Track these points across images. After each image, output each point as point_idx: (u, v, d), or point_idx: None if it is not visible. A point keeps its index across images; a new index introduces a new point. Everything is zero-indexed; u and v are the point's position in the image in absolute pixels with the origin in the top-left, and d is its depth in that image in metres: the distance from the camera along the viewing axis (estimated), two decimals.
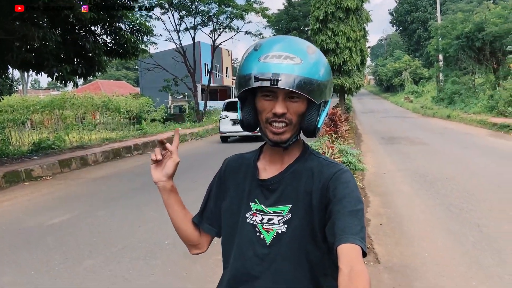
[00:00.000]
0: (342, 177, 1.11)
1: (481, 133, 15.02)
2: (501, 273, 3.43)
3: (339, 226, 1.02)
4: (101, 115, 17.74)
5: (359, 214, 1.05)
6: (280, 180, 1.18)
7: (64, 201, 6.51)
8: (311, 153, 1.21)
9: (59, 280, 3.55)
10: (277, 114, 1.09)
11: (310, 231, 1.13)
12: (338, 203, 1.06)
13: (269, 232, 1.15)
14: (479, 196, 5.96)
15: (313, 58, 1.09)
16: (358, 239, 0.99)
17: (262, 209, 1.18)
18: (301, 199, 1.14)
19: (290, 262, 1.14)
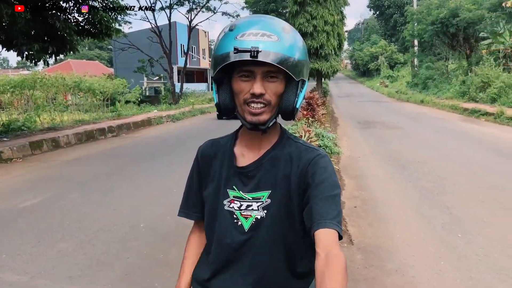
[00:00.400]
0: (320, 162, 1.12)
1: (453, 118, 15.41)
2: (468, 253, 3.57)
3: (316, 211, 1.04)
4: (73, 96, 17.27)
5: (336, 199, 1.07)
6: (259, 166, 1.17)
7: (36, 183, 6.35)
8: (289, 138, 1.21)
9: (31, 264, 3.49)
10: (256, 95, 1.07)
11: (289, 215, 1.14)
12: (316, 188, 1.08)
13: (247, 219, 1.16)
14: (449, 179, 6.15)
15: (289, 36, 1.08)
16: (335, 223, 1.01)
17: (241, 195, 1.17)
18: (280, 184, 1.15)
19: (268, 247, 1.15)
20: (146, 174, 6.77)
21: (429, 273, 3.21)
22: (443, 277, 3.14)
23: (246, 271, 1.16)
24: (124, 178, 6.57)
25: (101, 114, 16.76)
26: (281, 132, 1.22)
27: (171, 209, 4.89)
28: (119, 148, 9.95)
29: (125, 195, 5.55)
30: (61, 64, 37.93)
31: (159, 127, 14.45)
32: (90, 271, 3.33)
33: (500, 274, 3.16)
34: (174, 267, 3.36)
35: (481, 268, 3.26)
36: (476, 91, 19.14)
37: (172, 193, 5.58)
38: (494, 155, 7.97)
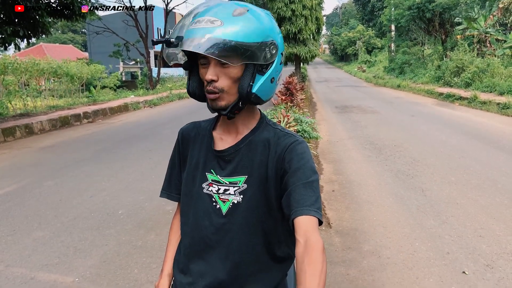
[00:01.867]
0: (297, 148, 1.12)
1: (428, 102, 15.71)
2: (441, 233, 3.68)
3: (294, 198, 1.04)
4: (47, 81, 16.78)
5: (314, 185, 1.07)
6: (236, 151, 1.17)
7: (9, 171, 6.19)
8: (267, 123, 1.21)
9: (7, 252, 3.42)
10: (208, 81, 1.08)
11: (265, 201, 1.14)
12: (293, 175, 1.08)
13: (225, 202, 1.16)
14: (423, 162, 6.29)
15: (237, 19, 1.04)
16: (314, 210, 1.02)
17: (218, 179, 1.17)
18: (257, 170, 1.15)
19: (245, 231, 1.15)
20: (123, 160, 6.68)
21: (404, 254, 3.30)
22: (417, 257, 3.24)
23: (224, 256, 1.16)
24: (100, 164, 6.46)
25: (76, 100, 16.36)
26: (260, 117, 1.22)
27: (149, 195, 4.86)
28: (95, 134, 9.76)
29: (102, 182, 5.47)
30: (33, 48, 36.70)
31: (136, 113, 14.23)
32: (67, 259, 3.29)
33: (473, 254, 3.27)
34: (153, 252, 3.36)
35: (454, 248, 3.37)
36: (450, 76, 19.52)
37: (150, 179, 5.53)
38: (466, 138, 8.18)
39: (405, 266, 3.09)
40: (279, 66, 1.14)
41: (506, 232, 3.67)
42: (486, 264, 3.09)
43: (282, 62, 1.17)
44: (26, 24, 9.75)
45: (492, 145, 7.48)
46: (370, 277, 2.95)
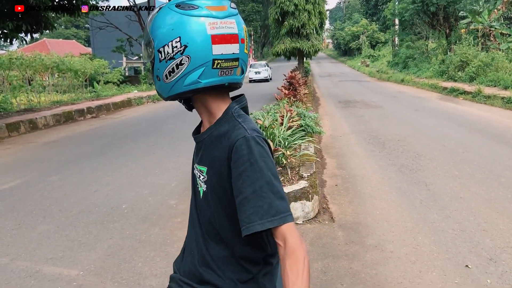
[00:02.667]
0: (242, 147, 1.05)
1: (432, 96, 15.63)
2: (445, 227, 3.68)
3: (243, 213, 1.02)
4: (51, 76, 16.79)
5: (263, 190, 1.01)
6: (202, 140, 1.19)
7: (14, 166, 6.23)
8: (232, 115, 1.15)
9: (12, 246, 3.45)
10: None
11: (225, 196, 1.12)
12: (239, 180, 1.04)
13: (201, 187, 1.19)
14: (427, 156, 6.27)
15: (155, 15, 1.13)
16: (266, 221, 1.00)
17: (196, 165, 1.22)
18: (214, 164, 1.13)
19: (214, 218, 1.16)
20: (127, 155, 6.70)
21: (407, 248, 3.30)
22: (420, 251, 3.24)
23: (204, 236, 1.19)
24: (104, 159, 6.49)
25: (80, 95, 16.41)
26: (227, 108, 1.17)
27: (152, 190, 4.88)
28: (99, 129, 9.79)
29: (106, 177, 5.49)
30: (37, 44, 36.73)
31: (140, 108, 14.25)
32: (72, 252, 3.31)
33: (476, 248, 3.27)
34: (157, 246, 3.38)
35: (457, 242, 3.37)
36: (455, 70, 19.40)
37: (153, 174, 5.55)
38: (470, 133, 8.15)
39: (408, 260, 3.10)
40: (159, 64, 1.10)
41: (510, 226, 3.66)
42: (489, 258, 3.08)
43: (163, 59, 1.09)
44: (29, 19, 9.76)
45: (496, 139, 7.45)
46: (373, 270, 2.95)
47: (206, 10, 1.06)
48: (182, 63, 1.06)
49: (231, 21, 1.09)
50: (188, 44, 1.05)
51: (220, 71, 1.09)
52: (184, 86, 1.09)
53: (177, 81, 1.09)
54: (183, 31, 1.05)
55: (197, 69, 1.07)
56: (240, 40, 1.10)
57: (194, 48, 1.05)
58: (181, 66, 1.07)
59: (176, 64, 1.07)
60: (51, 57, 15.41)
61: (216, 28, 1.06)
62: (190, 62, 1.06)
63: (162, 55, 1.08)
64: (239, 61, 1.11)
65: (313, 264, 3.02)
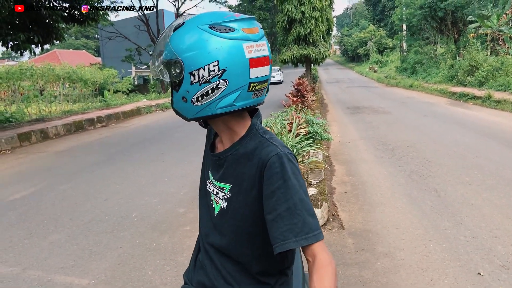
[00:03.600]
0: (276, 165, 1.05)
1: (441, 102, 15.53)
2: (456, 234, 3.64)
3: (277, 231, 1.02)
4: (61, 86, 17.01)
5: (297, 208, 1.02)
6: (225, 158, 1.17)
7: (25, 175, 6.30)
8: (257, 131, 1.15)
9: (24, 255, 3.48)
10: None
11: (250, 214, 1.11)
12: (273, 197, 1.04)
13: (217, 204, 1.18)
14: (437, 162, 6.23)
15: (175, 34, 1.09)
16: (301, 239, 1.00)
17: (212, 181, 1.21)
18: (240, 182, 1.12)
19: (232, 235, 1.15)
20: (136, 164, 6.74)
21: (418, 255, 3.27)
22: (432, 259, 3.21)
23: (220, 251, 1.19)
24: (114, 168, 6.54)
25: (90, 104, 16.57)
26: (250, 125, 1.17)
27: (162, 198, 4.90)
28: (109, 138, 9.88)
29: (116, 185, 5.53)
30: (48, 54, 37.31)
31: (149, 116, 14.36)
32: (83, 261, 3.33)
33: (489, 255, 3.23)
34: (166, 255, 3.39)
35: (469, 250, 3.33)
36: (464, 75, 19.28)
37: (162, 182, 5.57)
38: (481, 138, 8.07)
39: (419, 268, 3.07)
40: (191, 87, 1.06)
41: None
42: (502, 265, 3.04)
43: (196, 82, 1.04)
44: (40, 30, 9.93)
45: (507, 144, 7.37)
46: (384, 279, 2.93)
47: (242, 33, 1.03)
48: (219, 87, 1.04)
49: (263, 43, 1.08)
50: (226, 68, 1.02)
51: (254, 93, 1.08)
52: (217, 108, 1.06)
53: (210, 104, 1.06)
54: (221, 54, 1.02)
55: (234, 93, 1.05)
56: (270, 61, 1.10)
57: (233, 72, 1.03)
58: (217, 90, 1.04)
59: (211, 87, 1.04)
60: (62, 67, 15.64)
61: (253, 52, 1.04)
62: (228, 86, 1.04)
63: (195, 78, 1.04)
64: (268, 82, 1.11)
65: None
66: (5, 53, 60.04)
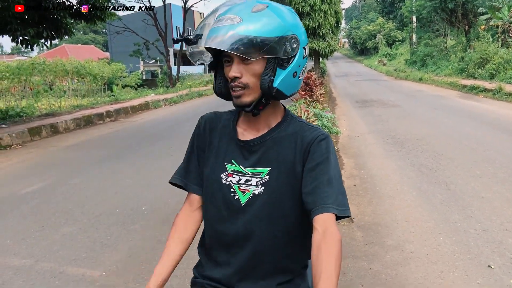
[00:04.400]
0: (322, 143, 1.15)
1: (451, 95, 15.38)
2: (466, 227, 3.62)
3: (317, 196, 1.08)
4: (70, 81, 17.16)
5: (334, 181, 1.09)
6: (262, 142, 1.19)
7: (36, 169, 6.38)
8: (292, 117, 1.23)
9: (36, 247, 3.54)
10: (231, 78, 1.10)
11: (291, 194, 1.16)
12: (316, 169, 1.11)
13: (245, 193, 1.18)
14: (447, 155, 6.18)
15: (256, 16, 1.06)
16: (333, 207, 1.05)
17: (240, 170, 1.19)
18: (282, 162, 1.16)
19: (266, 222, 1.16)
20: (146, 158, 6.79)
21: (428, 248, 3.26)
22: (441, 251, 3.20)
23: (244, 245, 1.19)
24: (124, 162, 6.59)
25: (99, 99, 16.69)
26: (285, 112, 1.25)
27: (171, 191, 4.91)
28: (118, 132, 9.94)
29: (126, 179, 5.58)
30: (57, 49, 37.58)
31: (157, 111, 14.41)
32: (94, 254, 3.38)
33: (499, 248, 3.21)
34: None
35: (479, 242, 3.31)
36: (474, 67, 19.05)
37: (171, 175, 5.60)
38: (491, 131, 7.99)
39: (429, 261, 3.06)
40: (302, 61, 1.15)
41: None
42: None
43: (305, 56, 1.17)
44: (49, 25, 9.99)
45: None
46: (393, 271, 2.93)
47: None
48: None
49: None
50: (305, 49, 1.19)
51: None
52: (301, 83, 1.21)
53: (301, 79, 1.20)
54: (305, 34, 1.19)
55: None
56: None
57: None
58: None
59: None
60: (71, 62, 15.76)
61: None
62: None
63: (306, 52, 1.18)
64: None
65: None
66: (15, 48, 60.58)
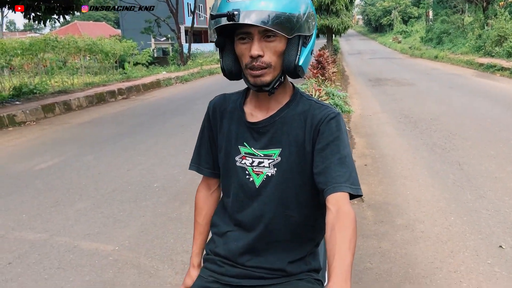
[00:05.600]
0: (332, 121, 1.13)
1: (468, 73, 15.08)
2: (478, 208, 3.60)
3: (329, 175, 1.06)
4: (83, 58, 17.16)
5: (347, 160, 1.08)
6: (272, 123, 1.18)
7: (50, 146, 6.47)
8: (302, 96, 1.21)
9: (51, 222, 3.61)
10: (253, 56, 1.05)
11: (301, 173, 1.16)
12: (327, 148, 1.10)
13: (259, 175, 1.18)
14: (461, 135, 6.10)
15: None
16: (347, 186, 1.04)
17: (253, 152, 1.19)
18: (293, 143, 1.15)
19: (279, 202, 1.18)
20: (157, 136, 6.83)
21: (439, 228, 3.25)
22: (452, 231, 3.19)
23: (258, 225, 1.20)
24: (136, 139, 6.64)
25: (111, 77, 16.71)
26: (294, 91, 1.22)
27: (182, 169, 4.97)
28: (130, 110, 10.00)
29: (138, 156, 5.63)
30: (68, 26, 37.57)
31: (169, 89, 14.41)
32: (108, 229, 3.44)
33: (511, 228, 3.19)
34: (187, 224, 3.47)
35: (491, 223, 3.29)
36: (492, 45, 18.60)
37: (183, 153, 5.64)
38: (508, 111, 7.84)
39: (439, 240, 3.05)
40: (313, 39, 1.16)
41: None
42: None
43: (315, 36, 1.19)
44: (61, 1, 9.97)
45: None
46: (402, 250, 2.93)
47: None
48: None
49: None
50: None
51: None
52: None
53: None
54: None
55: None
56: None
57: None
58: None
59: None
60: (84, 39, 15.73)
61: None
62: None
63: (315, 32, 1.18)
64: None
65: None
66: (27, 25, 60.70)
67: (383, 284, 2.54)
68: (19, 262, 2.95)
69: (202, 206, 1.40)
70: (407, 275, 2.62)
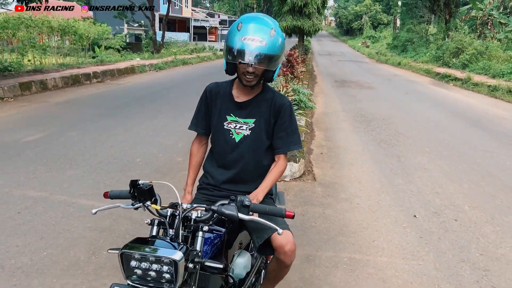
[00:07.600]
0: (287, 108, 1.94)
1: (425, 81, 16.30)
2: (405, 189, 4.46)
3: (279, 141, 1.92)
4: (52, 39, 17.13)
5: (292, 133, 1.93)
6: (250, 103, 1.93)
7: (33, 122, 6.88)
8: (269, 88, 1.98)
9: (48, 184, 4.17)
10: (249, 72, 1.78)
11: (265, 135, 1.93)
12: (281, 125, 1.91)
13: (239, 134, 1.91)
14: (406, 134, 7.03)
15: (274, 39, 1.73)
16: (285, 149, 1.93)
17: (236, 120, 1.92)
18: (262, 116, 1.91)
19: (251, 151, 1.92)
20: (136, 118, 7.38)
21: (371, 202, 4.08)
22: (381, 204, 4.02)
23: (236, 165, 1.93)
24: (116, 120, 7.16)
25: (84, 59, 16.86)
26: (264, 84, 1.97)
27: (161, 148, 5.60)
28: (106, 93, 10.42)
29: (119, 135, 6.19)
30: None
31: (143, 76, 14.81)
32: (100, 191, 4.04)
33: (426, 205, 4.05)
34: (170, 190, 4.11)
35: (412, 200, 4.16)
36: (450, 56, 19.97)
37: (161, 135, 6.26)
38: (451, 117, 8.89)
39: (370, 210, 3.88)
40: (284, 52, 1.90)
41: (458, 190, 4.46)
42: (434, 212, 3.87)
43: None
44: None
45: (472, 123, 8.20)
46: (340, 215, 3.73)
47: None
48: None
49: None
50: None
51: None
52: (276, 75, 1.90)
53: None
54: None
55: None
56: None
57: None
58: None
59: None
60: (59, 20, 15.80)
61: None
62: None
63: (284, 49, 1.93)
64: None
65: (295, 209, 3.79)
66: None
67: (322, 236, 3.32)
68: (27, 213, 3.53)
69: (195, 154, 2.09)
70: (341, 231, 3.42)
